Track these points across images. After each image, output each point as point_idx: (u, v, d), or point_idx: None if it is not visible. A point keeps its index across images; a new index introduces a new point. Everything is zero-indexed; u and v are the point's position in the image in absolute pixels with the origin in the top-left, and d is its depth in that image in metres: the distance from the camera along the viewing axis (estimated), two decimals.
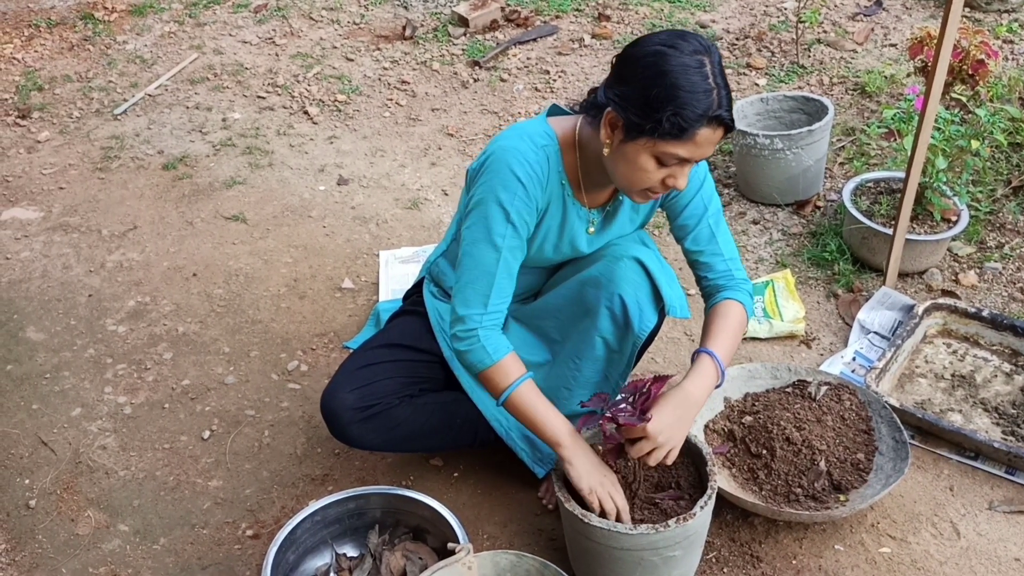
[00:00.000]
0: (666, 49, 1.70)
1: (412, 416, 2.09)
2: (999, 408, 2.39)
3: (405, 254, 3.04)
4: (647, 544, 1.81)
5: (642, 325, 2.00)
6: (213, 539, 2.22)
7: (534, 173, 1.85)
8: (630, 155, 1.76)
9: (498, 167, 1.85)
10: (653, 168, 1.76)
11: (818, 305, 2.81)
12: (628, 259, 1.98)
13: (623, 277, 1.97)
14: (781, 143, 3.04)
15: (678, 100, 1.67)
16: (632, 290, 1.97)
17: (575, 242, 2.02)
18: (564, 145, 1.91)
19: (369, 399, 2.04)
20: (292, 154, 3.67)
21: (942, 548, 2.11)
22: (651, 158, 1.75)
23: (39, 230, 3.30)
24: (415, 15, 4.59)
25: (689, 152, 1.73)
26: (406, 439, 2.11)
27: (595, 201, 2.00)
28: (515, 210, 1.85)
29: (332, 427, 2.06)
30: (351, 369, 2.09)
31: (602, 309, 1.99)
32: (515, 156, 1.84)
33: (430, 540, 2.08)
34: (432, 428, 2.12)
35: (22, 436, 2.51)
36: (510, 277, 1.90)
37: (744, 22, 4.35)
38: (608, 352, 2.06)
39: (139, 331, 2.84)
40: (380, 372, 2.08)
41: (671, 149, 1.72)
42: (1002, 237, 3.00)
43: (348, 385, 2.05)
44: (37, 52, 4.43)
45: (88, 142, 3.79)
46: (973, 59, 3.14)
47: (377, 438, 2.07)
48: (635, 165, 1.77)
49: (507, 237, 1.86)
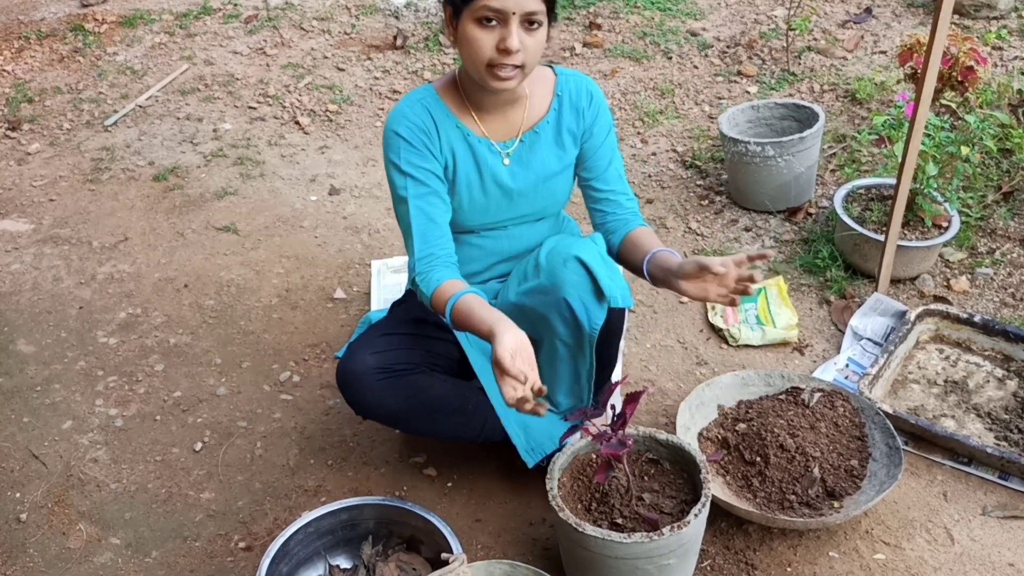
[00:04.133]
0: None
1: (432, 385, 2.09)
2: (992, 413, 2.40)
3: (397, 263, 3.03)
4: (641, 552, 1.81)
5: (591, 323, 2.01)
6: (205, 552, 2.21)
7: (412, 124, 1.99)
8: (462, 34, 1.90)
9: (384, 136, 2.03)
10: (480, 34, 1.87)
11: (811, 312, 2.82)
12: (570, 260, 2.01)
13: (565, 280, 1.99)
14: (772, 150, 3.05)
15: None
16: (575, 291, 1.99)
17: (498, 178, 2.08)
18: (444, 91, 2.04)
19: (390, 362, 2.05)
20: (283, 164, 3.67)
21: (936, 554, 2.11)
22: (475, 26, 1.86)
23: (29, 242, 3.29)
24: (406, 25, 4.60)
25: (499, 2, 1.83)
26: (422, 411, 2.09)
27: (502, 133, 2.08)
28: (404, 161, 1.98)
29: (351, 389, 2.05)
30: (370, 337, 2.10)
31: (553, 315, 2.02)
32: (393, 118, 2.01)
33: (424, 551, 2.07)
34: (448, 405, 2.12)
35: (13, 449, 2.50)
36: (430, 220, 2.01)
37: (735, 30, 4.36)
38: (570, 353, 2.08)
39: (130, 343, 2.83)
40: (400, 342, 2.10)
41: (481, 2, 1.83)
42: (993, 243, 3.01)
43: (368, 349, 2.05)
44: (27, 64, 4.42)
45: (78, 154, 3.78)
46: (962, 66, 3.15)
47: (396, 402, 2.06)
48: (468, 41, 1.89)
49: (408, 187, 1.99)
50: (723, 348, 2.70)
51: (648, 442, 2.06)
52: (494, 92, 1.99)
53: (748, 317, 2.74)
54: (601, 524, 1.91)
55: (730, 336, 2.70)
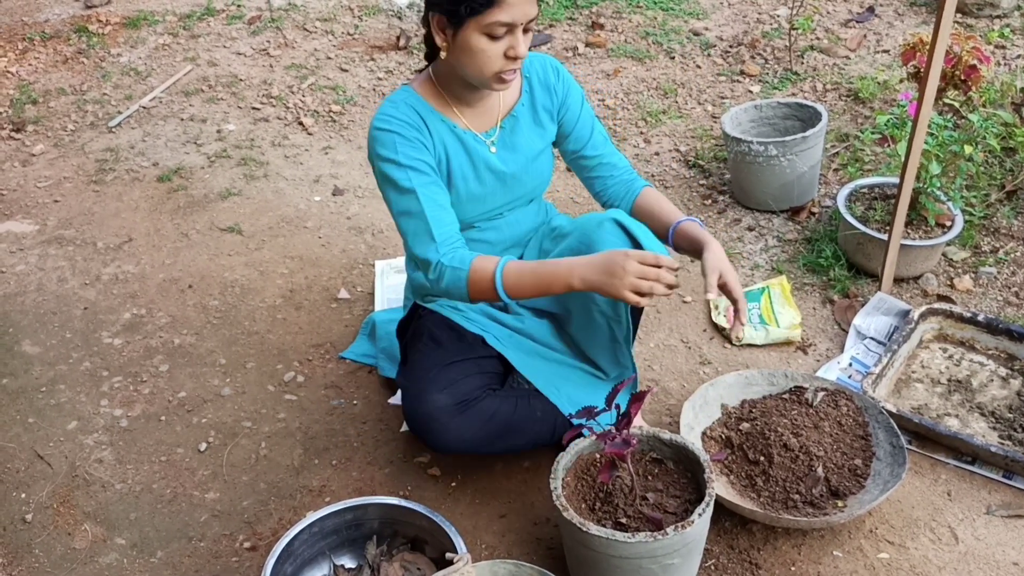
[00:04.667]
0: None
1: (501, 406, 2.09)
2: (996, 412, 2.40)
3: (401, 263, 3.04)
4: (645, 552, 1.81)
5: None
6: (210, 552, 2.21)
7: (400, 120, 1.98)
8: (465, 44, 1.87)
9: (369, 137, 2.01)
10: (488, 45, 1.85)
11: (814, 311, 2.82)
12: (605, 221, 2.04)
13: (603, 240, 2.02)
14: (775, 150, 3.05)
15: None
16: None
17: (490, 165, 2.10)
18: (421, 89, 2.06)
19: (460, 395, 2.04)
20: (287, 165, 3.67)
21: (940, 553, 2.11)
22: (481, 36, 1.84)
23: (34, 243, 3.30)
24: (409, 25, 4.60)
25: (510, 15, 1.82)
26: (498, 433, 2.09)
27: (483, 124, 2.09)
28: (402, 155, 1.97)
29: (430, 432, 2.04)
30: (429, 373, 2.08)
31: None
32: (379, 119, 2.00)
33: (428, 550, 2.08)
34: (520, 419, 2.11)
35: (18, 450, 2.50)
36: (440, 207, 1.99)
37: (737, 29, 4.36)
38: (606, 320, 2.11)
39: (135, 343, 2.83)
40: (460, 371, 2.09)
41: (492, 18, 1.81)
42: (996, 241, 3.01)
43: (435, 387, 2.04)
44: (31, 65, 4.43)
45: (83, 155, 3.79)
46: (965, 64, 3.15)
47: (475, 432, 2.05)
48: (473, 51, 1.87)
49: (412, 178, 1.97)
50: (726, 348, 2.70)
51: (652, 442, 2.06)
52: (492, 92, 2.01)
53: (752, 316, 2.74)
54: (605, 524, 1.91)
55: (733, 336, 2.70)
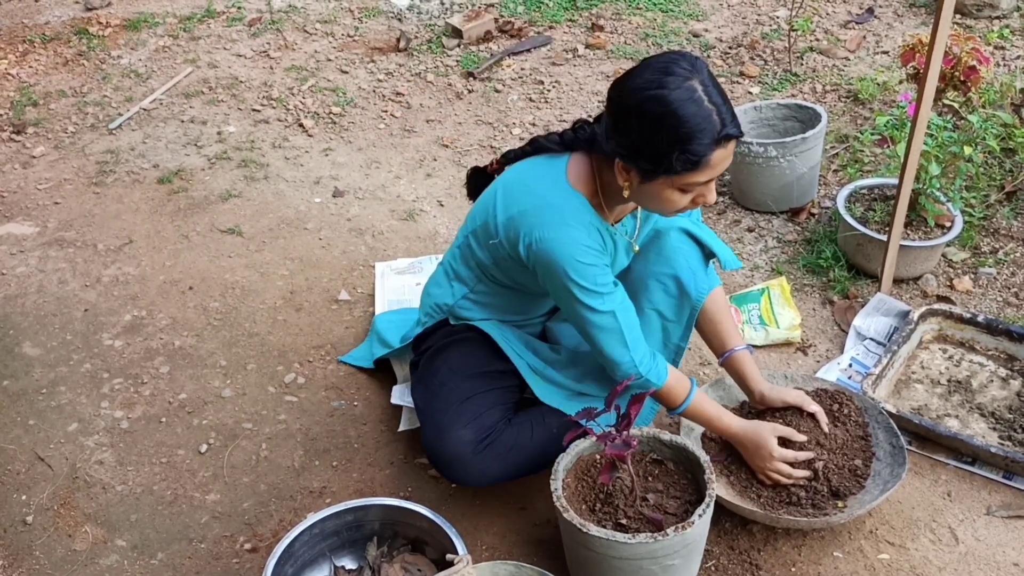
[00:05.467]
0: (657, 92, 1.72)
1: (520, 435, 2.10)
2: (995, 413, 2.40)
3: (401, 265, 3.04)
4: (646, 553, 1.81)
5: (699, 291, 2.07)
6: (211, 553, 2.22)
7: (592, 249, 1.90)
8: (653, 193, 1.82)
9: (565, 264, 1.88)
10: (679, 197, 1.82)
11: (814, 312, 2.82)
12: (675, 231, 2.05)
13: (674, 250, 2.04)
14: (775, 151, 3.05)
15: (683, 138, 1.71)
16: (684, 261, 2.04)
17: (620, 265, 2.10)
18: (587, 192, 1.93)
19: (483, 431, 2.06)
20: (287, 167, 3.68)
21: (941, 554, 2.11)
22: (674, 191, 1.80)
23: (34, 245, 3.30)
24: (409, 27, 4.61)
25: (708, 175, 1.78)
26: (522, 461, 2.10)
27: (620, 213, 2.04)
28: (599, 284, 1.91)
29: (452, 467, 2.06)
30: (451, 407, 2.08)
31: (652, 284, 2.06)
32: (576, 249, 1.88)
33: (429, 552, 2.08)
34: (539, 442, 2.11)
35: (19, 452, 2.51)
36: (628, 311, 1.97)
37: (737, 31, 4.36)
38: (664, 322, 2.12)
39: (135, 345, 2.84)
40: (482, 403, 2.10)
41: (690, 180, 1.77)
42: (996, 242, 3.01)
43: (458, 424, 2.05)
44: (32, 67, 4.43)
45: (83, 157, 3.79)
46: (965, 65, 3.16)
47: (498, 466, 2.07)
48: (661, 199, 1.83)
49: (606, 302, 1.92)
50: None
51: (652, 443, 2.07)
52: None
53: (751, 317, 2.74)
54: (605, 525, 1.92)
55: None
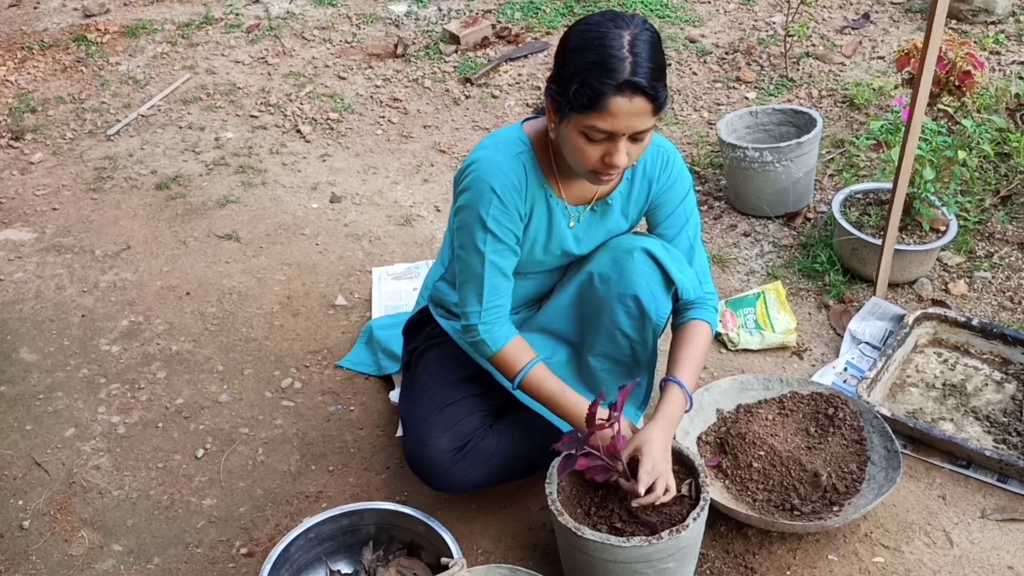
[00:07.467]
0: (586, 27, 1.75)
1: (500, 442, 2.10)
2: (990, 416, 2.40)
3: (398, 271, 3.05)
4: (640, 556, 1.82)
5: (659, 314, 2.03)
6: (207, 558, 2.22)
7: (509, 183, 1.90)
8: (565, 135, 1.80)
9: (477, 180, 1.91)
10: (584, 145, 1.77)
11: (809, 316, 2.83)
12: (638, 251, 2.00)
13: (635, 271, 2.00)
14: (771, 156, 3.06)
15: (586, 68, 1.70)
16: (645, 283, 2.00)
17: (563, 243, 2.04)
18: (538, 148, 1.95)
19: (460, 438, 2.05)
20: (285, 172, 3.68)
21: (935, 557, 2.11)
22: (579, 135, 1.76)
23: (32, 251, 3.31)
24: (406, 33, 4.62)
25: (608, 124, 1.72)
26: (502, 467, 2.10)
27: (579, 198, 2.02)
28: (491, 218, 1.90)
29: (431, 475, 2.06)
30: (429, 415, 2.08)
31: (615, 305, 2.02)
32: (492, 168, 1.90)
33: (424, 556, 2.08)
34: (521, 449, 2.11)
35: (15, 457, 2.51)
36: (502, 275, 1.96)
37: (733, 36, 4.38)
38: (630, 342, 2.09)
39: (132, 351, 2.84)
40: (461, 410, 2.10)
41: (589, 122, 1.73)
42: (991, 246, 3.02)
43: (436, 431, 2.05)
44: (30, 74, 4.45)
45: (81, 163, 3.80)
46: (959, 70, 3.16)
47: (478, 473, 2.07)
48: (570, 144, 1.80)
49: (488, 243, 1.93)
50: (722, 352, 2.71)
51: None
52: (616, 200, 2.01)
53: (747, 322, 2.75)
54: (600, 528, 1.92)
55: (729, 341, 2.71)
